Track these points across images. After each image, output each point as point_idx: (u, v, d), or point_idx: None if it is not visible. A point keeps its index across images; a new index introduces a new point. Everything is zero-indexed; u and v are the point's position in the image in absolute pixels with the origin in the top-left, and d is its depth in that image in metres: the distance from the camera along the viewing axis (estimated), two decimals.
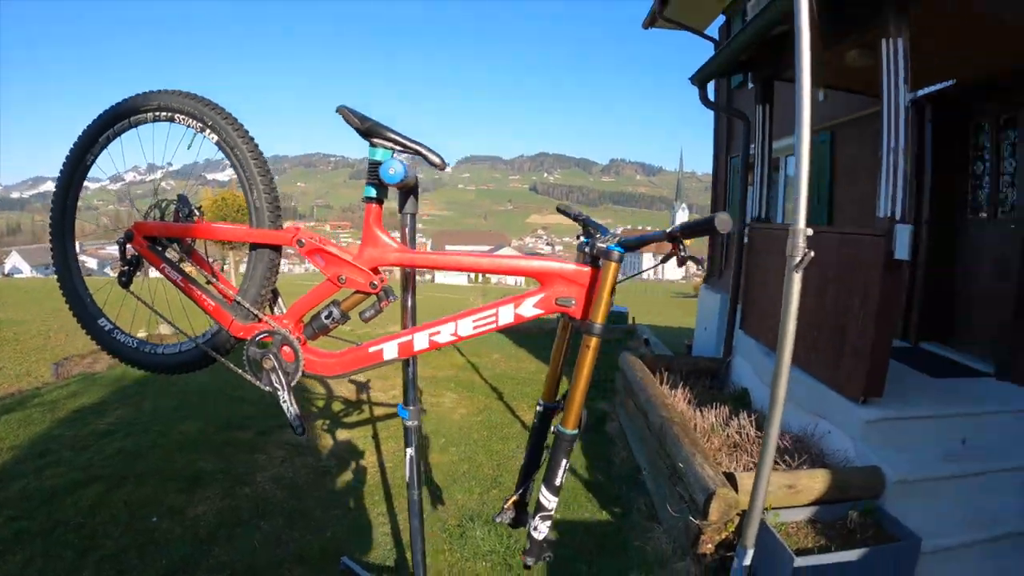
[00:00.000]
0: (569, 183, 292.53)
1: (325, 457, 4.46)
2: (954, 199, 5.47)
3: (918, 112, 5.58)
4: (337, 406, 5.55)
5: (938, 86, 4.99)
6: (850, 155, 6.54)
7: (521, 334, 9.59)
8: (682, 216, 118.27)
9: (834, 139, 6.99)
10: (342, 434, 4.89)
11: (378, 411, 5.45)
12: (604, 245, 1.66)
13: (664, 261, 1.67)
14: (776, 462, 3.56)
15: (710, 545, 3.12)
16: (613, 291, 1.67)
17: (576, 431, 1.75)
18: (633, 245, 1.69)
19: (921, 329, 5.56)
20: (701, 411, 4.35)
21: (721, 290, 6.48)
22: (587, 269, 1.71)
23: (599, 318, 1.65)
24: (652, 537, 3.55)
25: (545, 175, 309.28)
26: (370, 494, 3.99)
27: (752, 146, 6.09)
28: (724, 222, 1.43)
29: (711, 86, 9.78)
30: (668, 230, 1.60)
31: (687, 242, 1.64)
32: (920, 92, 5.29)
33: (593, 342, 1.66)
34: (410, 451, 2.14)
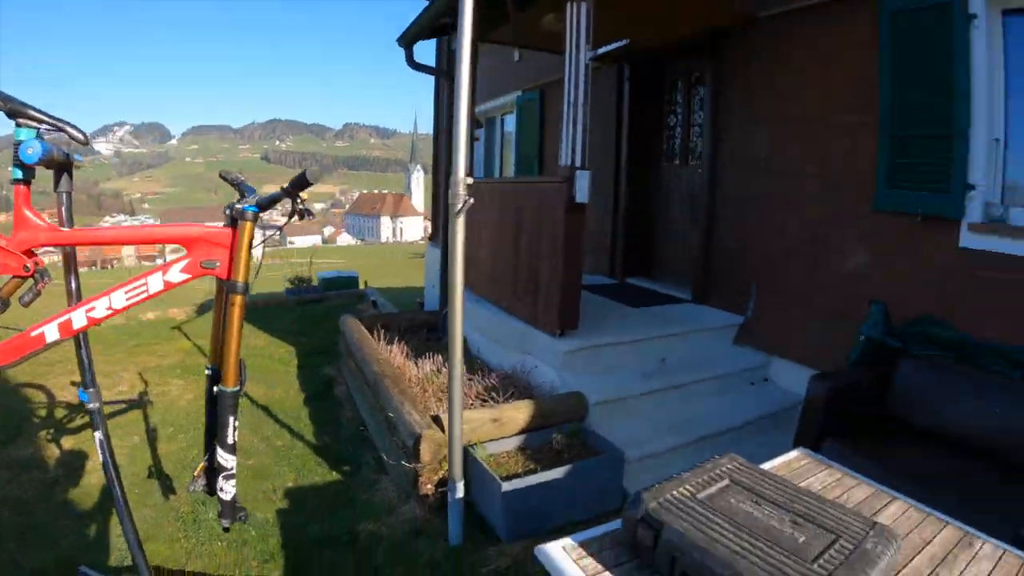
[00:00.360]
0: (302, 150, 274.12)
1: (52, 468, 3.99)
2: (651, 149, 6.19)
3: (617, 71, 6.16)
4: (60, 413, 4.93)
5: (612, 46, 5.52)
6: (558, 112, 6.88)
7: (253, 309, 8.97)
8: (418, 177, 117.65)
9: (543, 97, 7.50)
10: (68, 441, 4.37)
11: (105, 410, 4.93)
12: (240, 206, 1.77)
13: (291, 217, 1.92)
14: (484, 399, 3.80)
15: (430, 486, 3.25)
16: (251, 249, 1.78)
17: (237, 388, 1.85)
18: (265, 204, 1.80)
19: (627, 267, 6.29)
20: (417, 362, 4.46)
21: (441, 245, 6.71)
22: (228, 231, 1.78)
23: (240, 276, 1.77)
24: (379, 488, 3.61)
25: (277, 143, 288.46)
26: (102, 497, 3.66)
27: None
28: (314, 173, 1.73)
29: (433, 47, 9.90)
30: (284, 187, 1.81)
31: (303, 195, 1.85)
32: (600, 50, 5.77)
33: (238, 299, 1.78)
34: (98, 435, 2.17)
